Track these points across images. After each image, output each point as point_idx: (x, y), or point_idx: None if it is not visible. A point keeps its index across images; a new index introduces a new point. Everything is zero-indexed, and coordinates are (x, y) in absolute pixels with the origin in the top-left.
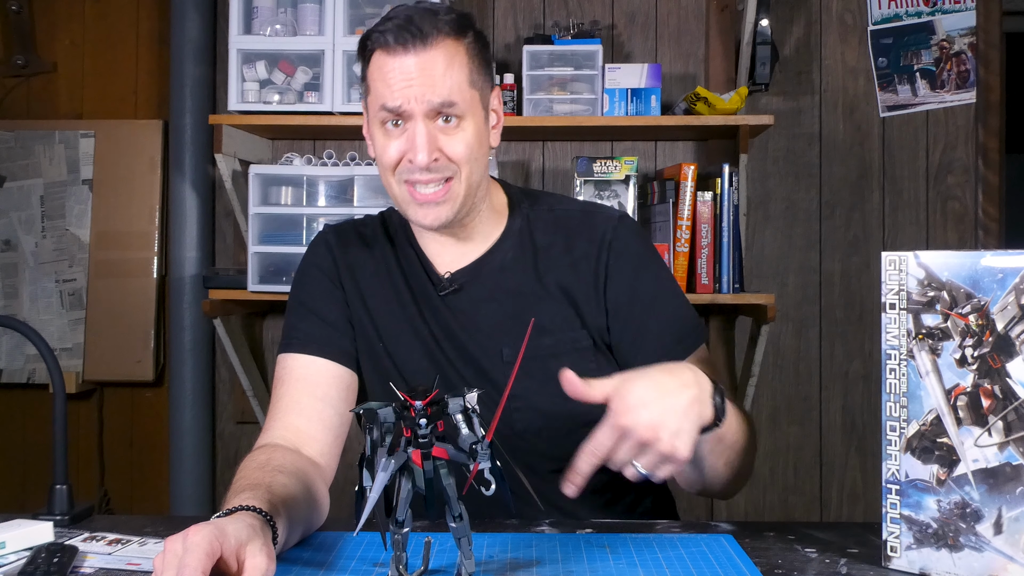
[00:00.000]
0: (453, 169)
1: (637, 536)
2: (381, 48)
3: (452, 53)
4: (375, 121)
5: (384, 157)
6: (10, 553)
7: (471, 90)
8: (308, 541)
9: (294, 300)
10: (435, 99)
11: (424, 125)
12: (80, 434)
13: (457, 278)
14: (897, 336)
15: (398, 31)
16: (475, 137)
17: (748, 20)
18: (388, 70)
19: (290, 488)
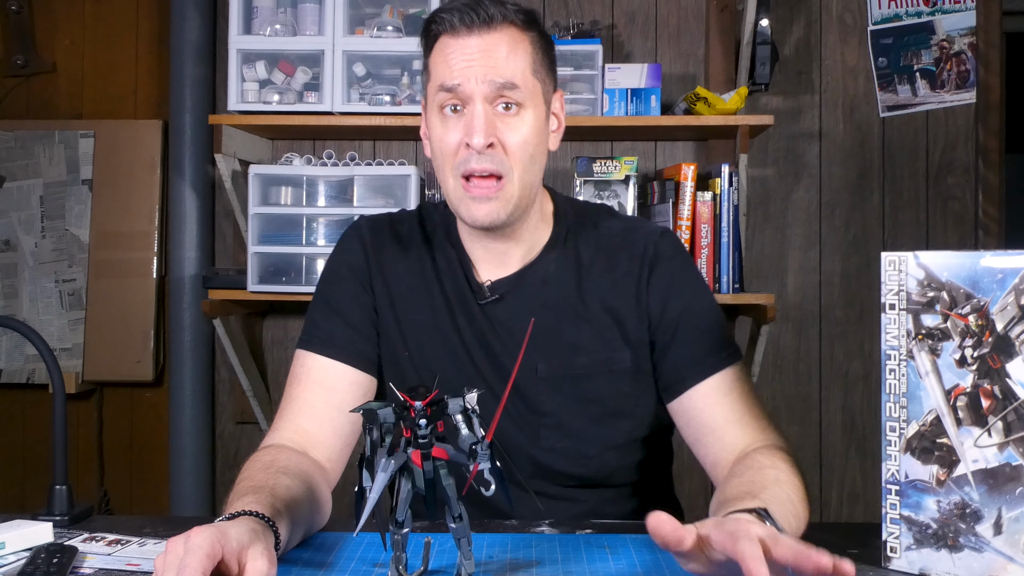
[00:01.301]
0: (507, 166)
1: (637, 536)
2: (446, 32)
3: (516, 40)
4: (433, 108)
5: (443, 144)
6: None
7: (533, 79)
8: (308, 542)
9: (320, 296)
10: (497, 78)
11: (483, 107)
12: (80, 434)
13: (498, 287)
14: (897, 336)
15: (463, 11)
16: (534, 131)
17: (748, 20)
18: (450, 51)
19: (293, 490)
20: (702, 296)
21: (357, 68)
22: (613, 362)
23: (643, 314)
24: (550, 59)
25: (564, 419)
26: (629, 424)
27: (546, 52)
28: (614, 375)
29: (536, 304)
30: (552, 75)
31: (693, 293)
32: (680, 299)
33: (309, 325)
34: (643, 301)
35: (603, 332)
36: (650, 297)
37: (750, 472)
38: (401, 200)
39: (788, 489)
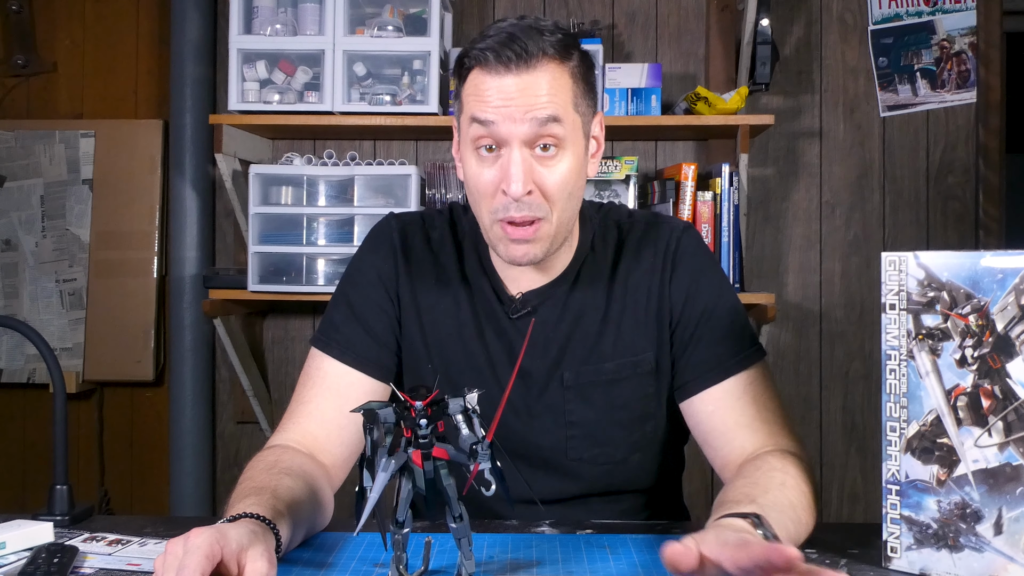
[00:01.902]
0: (545, 209)
1: (637, 536)
2: (480, 66)
3: (556, 76)
4: (467, 142)
5: (478, 184)
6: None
7: (574, 115)
8: (309, 542)
9: (343, 297)
10: (537, 117)
11: (520, 153)
12: (80, 434)
13: (529, 299)
14: (897, 336)
15: (500, 48)
16: (574, 170)
17: (748, 20)
18: (485, 88)
19: (295, 492)
20: (724, 295)
21: (357, 68)
22: (638, 364)
23: (665, 312)
24: (590, 84)
25: (593, 428)
26: (652, 425)
27: (586, 78)
28: (639, 377)
29: (565, 313)
30: (592, 100)
31: (714, 293)
32: (701, 299)
33: (328, 325)
34: (665, 299)
35: (628, 335)
36: (672, 295)
37: (756, 474)
38: (401, 200)
39: (792, 494)
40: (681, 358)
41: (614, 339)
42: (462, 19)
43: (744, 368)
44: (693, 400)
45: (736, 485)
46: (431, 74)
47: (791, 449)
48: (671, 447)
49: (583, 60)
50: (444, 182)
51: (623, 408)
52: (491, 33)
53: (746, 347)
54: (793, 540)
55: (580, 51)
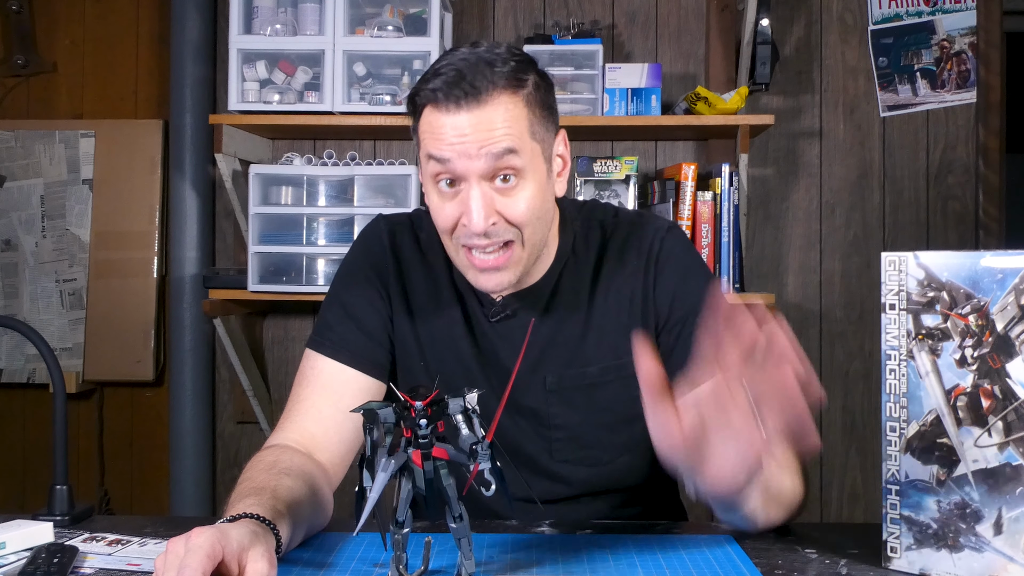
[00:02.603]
0: (514, 232)
1: (637, 537)
2: (430, 104)
3: (509, 107)
4: (427, 177)
5: (439, 219)
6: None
7: (532, 143)
8: (308, 542)
9: (335, 297)
10: (493, 149)
11: (479, 187)
12: (80, 434)
13: (509, 303)
14: (897, 336)
15: (448, 88)
16: (537, 195)
17: (748, 20)
18: (439, 126)
19: (295, 492)
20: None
21: (357, 68)
22: (623, 368)
23: (650, 315)
24: (548, 106)
25: (577, 431)
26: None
27: (543, 102)
28: (624, 380)
29: (546, 317)
30: (552, 122)
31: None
32: (686, 299)
33: (322, 326)
34: (650, 301)
35: (612, 338)
36: (658, 299)
37: None
38: (402, 200)
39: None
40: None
41: (597, 342)
42: (462, 19)
43: None
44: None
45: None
46: None
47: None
48: None
49: (538, 84)
50: None
51: (607, 411)
52: (441, 70)
53: None
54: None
55: (536, 75)
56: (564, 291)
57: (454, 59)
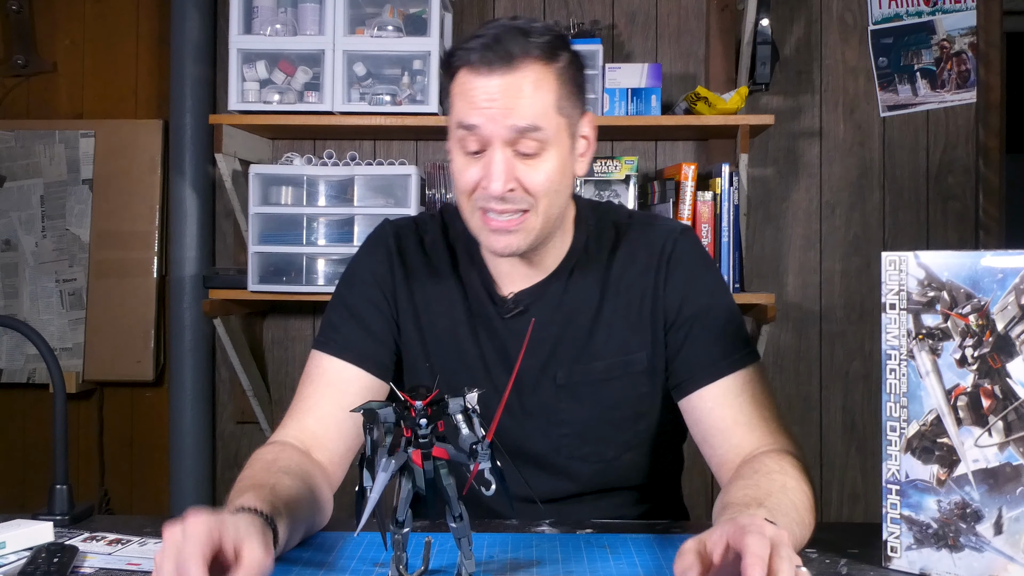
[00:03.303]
0: (529, 202)
1: (637, 536)
2: (465, 66)
3: (540, 77)
4: (454, 140)
5: (460, 181)
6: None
7: (558, 117)
8: (308, 541)
9: (340, 299)
10: (519, 123)
11: (502, 152)
12: (80, 434)
13: (521, 299)
14: (897, 336)
15: (483, 50)
16: (557, 168)
17: (748, 20)
18: (470, 88)
19: (293, 490)
20: (719, 296)
21: (357, 68)
22: (630, 364)
23: (659, 314)
24: (578, 85)
25: (584, 427)
26: (646, 424)
27: (574, 79)
28: (631, 377)
29: (557, 313)
30: (580, 100)
31: (710, 293)
32: (696, 299)
33: (327, 327)
34: (660, 301)
35: (621, 334)
36: (667, 297)
37: (756, 476)
38: (402, 200)
39: (795, 496)
40: (676, 357)
41: (606, 338)
42: (462, 19)
43: (742, 367)
44: (691, 398)
45: (738, 486)
46: (431, 74)
47: (788, 449)
48: (667, 446)
49: (572, 62)
50: (444, 182)
51: (615, 407)
52: (479, 33)
53: (741, 348)
54: (798, 542)
55: (570, 52)
56: (575, 288)
57: (493, 26)
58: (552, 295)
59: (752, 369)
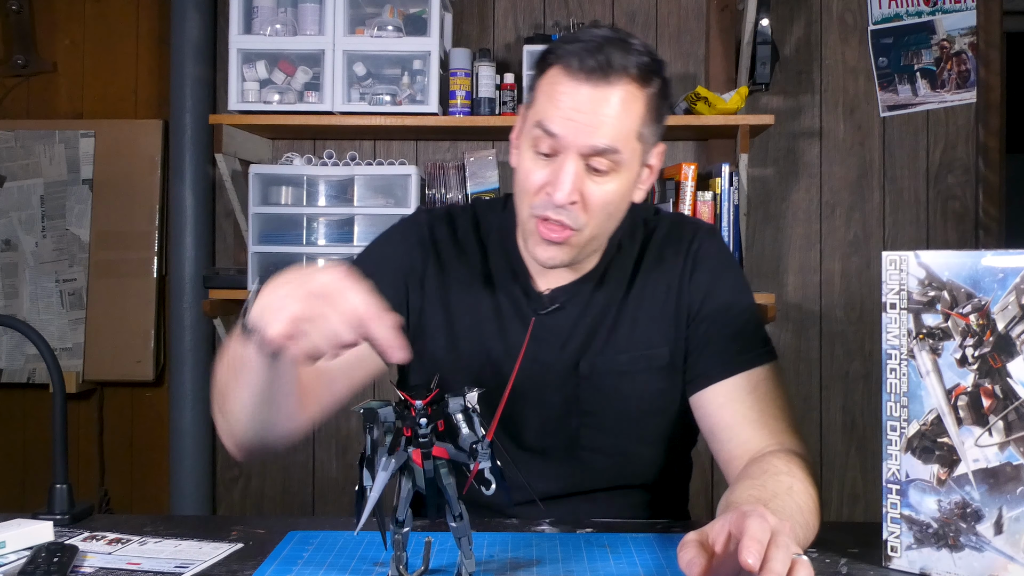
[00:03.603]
0: (582, 222)
1: (637, 536)
2: (561, 65)
3: (630, 99)
4: (527, 137)
5: (526, 180)
6: (10, 553)
7: (636, 142)
8: (308, 541)
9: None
10: (598, 143)
11: (574, 163)
12: (80, 434)
13: (557, 296)
14: (897, 336)
15: (585, 55)
16: (621, 192)
17: (748, 20)
18: (560, 91)
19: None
20: (740, 295)
21: (357, 68)
22: (652, 359)
23: (683, 310)
24: (661, 114)
25: (605, 417)
26: (664, 420)
27: (659, 107)
28: (653, 372)
29: (588, 307)
30: (659, 131)
31: (732, 291)
32: (718, 297)
33: None
34: (684, 297)
35: (645, 329)
36: (691, 294)
37: (764, 477)
38: (401, 200)
39: (800, 499)
40: (694, 352)
41: (630, 332)
42: (462, 19)
43: (756, 365)
44: (704, 393)
45: (744, 486)
46: (431, 74)
47: (797, 450)
48: (679, 447)
49: (661, 89)
50: (444, 182)
51: (637, 400)
52: (582, 37)
53: (759, 346)
54: (802, 544)
55: (661, 79)
56: (607, 284)
57: (598, 32)
58: (586, 291)
59: (768, 368)
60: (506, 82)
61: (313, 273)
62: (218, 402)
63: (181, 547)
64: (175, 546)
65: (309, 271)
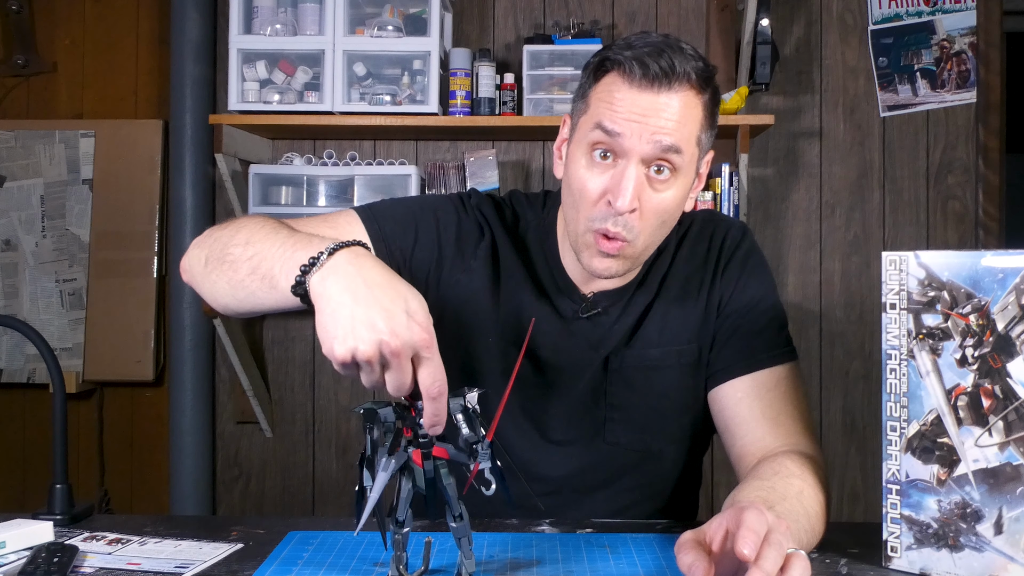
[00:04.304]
0: (635, 233)
1: (637, 536)
2: (619, 71)
3: (691, 104)
4: (582, 144)
5: (584, 190)
6: (10, 553)
7: (694, 147)
8: (308, 541)
9: (412, 211)
10: (665, 140)
11: (636, 168)
12: (80, 434)
13: (600, 300)
14: (897, 336)
15: (646, 60)
16: (677, 199)
17: (748, 20)
18: (619, 96)
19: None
20: (767, 293)
21: (357, 68)
22: (682, 354)
23: (712, 306)
24: (714, 120)
25: (632, 412)
26: (690, 419)
27: (712, 114)
28: (682, 368)
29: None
30: (711, 138)
31: (758, 289)
32: (745, 294)
33: (386, 212)
34: (715, 293)
35: (674, 324)
36: (720, 291)
37: (775, 478)
38: None
39: (809, 504)
40: (717, 347)
41: (661, 327)
42: (462, 19)
43: (777, 363)
44: (723, 387)
45: (753, 486)
46: (431, 74)
47: (810, 452)
48: (698, 449)
49: (714, 96)
50: (444, 182)
51: (664, 396)
52: (636, 43)
53: (782, 345)
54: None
55: (714, 87)
56: (647, 285)
57: (654, 39)
58: (627, 295)
59: (789, 367)
60: (506, 82)
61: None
62: (212, 259)
63: (181, 547)
64: (175, 546)
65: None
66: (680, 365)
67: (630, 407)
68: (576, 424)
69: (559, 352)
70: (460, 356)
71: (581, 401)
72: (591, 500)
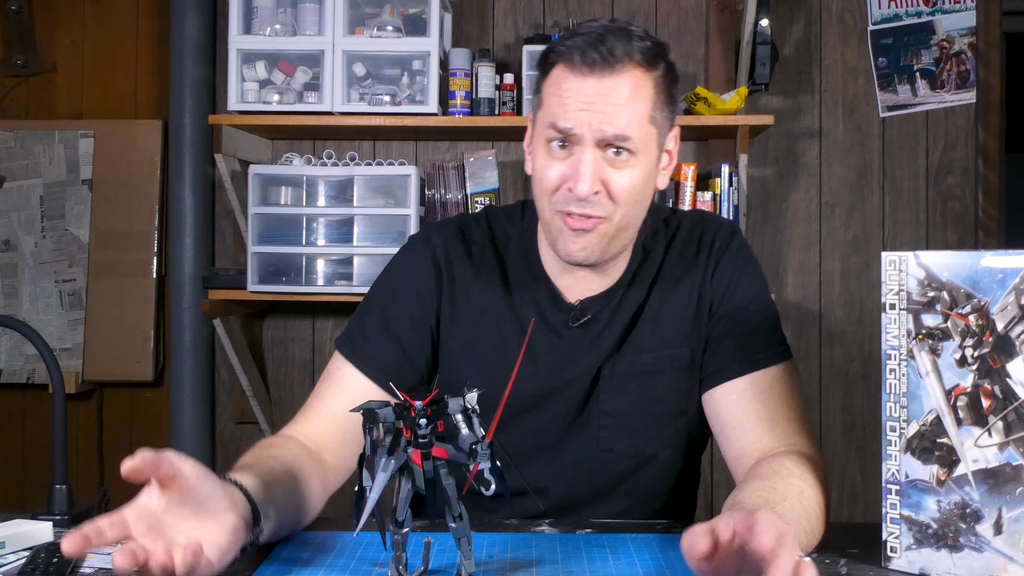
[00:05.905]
0: (609, 210)
1: (637, 536)
2: (564, 63)
3: (639, 84)
4: (540, 138)
5: (544, 180)
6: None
7: (649, 127)
8: (308, 541)
9: (379, 307)
10: (609, 130)
11: (592, 153)
12: (80, 434)
13: (588, 307)
14: (897, 336)
15: (586, 48)
16: (643, 177)
17: (748, 20)
18: (566, 88)
19: (275, 472)
20: (759, 294)
21: (357, 68)
22: (675, 358)
23: (704, 308)
24: (672, 97)
25: (625, 419)
26: (684, 423)
27: (668, 90)
28: (675, 372)
29: (616, 312)
30: (671, 113)
31: (750, 290)
32: (737, 295)
33: (357, 331)
34: (706, 295)
35: (666, 328)
36: (712, 293)
37: (775, 479)
38: (401, 200)
39: (809, 504)
40: (710, 349)
41: (652, 331)
42: (462, 19)
43: (772, 364)
44: (718, 389)
45: (753, 487)
46: (431, 74)
47: (808, 453)
48: (694, 452)
49: (668, 71)
50: (444, 182)
51: (657, 401)
52: (581, 32)
53: (775, 345)
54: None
55: (667, 62)
56: (632, 288)
57: (595, 26)
58: (615, 299)
59: (783, 367)
60: (506, 82)
61: None
62: None
63: None
64: None
65: None
66: (672, 369)
67: (623, 413)
68: (569, 432)
69: (552, 363)
70: None
71: (574, 409)
72: (588, 507)
